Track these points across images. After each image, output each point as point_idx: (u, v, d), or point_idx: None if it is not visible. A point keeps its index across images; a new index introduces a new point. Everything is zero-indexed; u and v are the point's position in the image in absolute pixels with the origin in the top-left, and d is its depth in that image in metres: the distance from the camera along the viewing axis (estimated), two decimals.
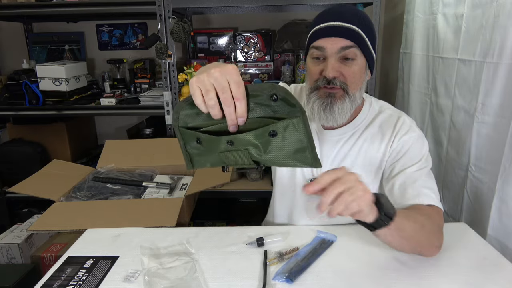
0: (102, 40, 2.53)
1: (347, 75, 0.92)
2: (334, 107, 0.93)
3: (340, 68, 0.91)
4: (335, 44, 0.90)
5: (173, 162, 1.61)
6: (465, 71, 1.26)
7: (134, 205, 1.31)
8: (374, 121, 1.03)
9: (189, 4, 1.86)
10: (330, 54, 0.91)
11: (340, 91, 0.92)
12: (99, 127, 2.67)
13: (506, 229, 1.04)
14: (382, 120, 1.03)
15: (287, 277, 0.82)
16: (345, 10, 0.93)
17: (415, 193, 0.91)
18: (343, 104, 0.93)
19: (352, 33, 0.90)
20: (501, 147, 1.05)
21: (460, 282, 0.81)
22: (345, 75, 0.92)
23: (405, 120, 1.01)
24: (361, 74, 0.94)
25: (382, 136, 1.01)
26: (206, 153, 0.71)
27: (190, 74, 1.89)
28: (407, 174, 0.95)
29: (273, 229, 1.05)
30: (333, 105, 0.93)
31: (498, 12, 1.06)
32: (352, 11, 0.93)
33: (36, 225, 1.17)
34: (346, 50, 0.90)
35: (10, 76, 2.14)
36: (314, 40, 0.93)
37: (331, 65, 0.90)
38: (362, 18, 0.93)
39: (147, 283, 0.82)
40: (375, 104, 1.06)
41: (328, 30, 0.91)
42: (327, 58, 0.91)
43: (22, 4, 1.98)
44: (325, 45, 0.91)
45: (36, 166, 1.59)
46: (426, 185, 0.93)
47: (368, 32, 0.93)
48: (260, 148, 0.65)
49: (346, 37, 0.89)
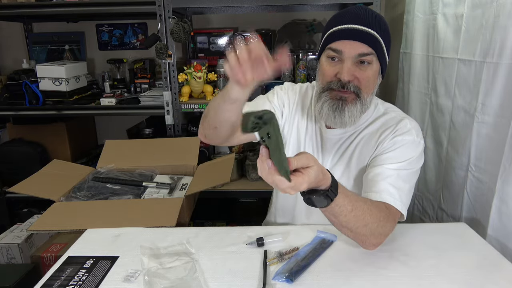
0: (102, 40, 2.53)
1: (361, 79, 0.91)
2: (344, 110, 0.93)
3: (356, 72, 0.91)
4: (354, 49, 0.89)
5: (173, 162, 1.61)
6: (465, 71, 1.26)
7: (134, 205, 1.31)
8: (376, 121, 1.03)
9: (189, 4, 1.86)
10: (347, 57, 0.90)
11: (352, 95, 0.92)
12: (99, 127, 2.67)
13: (506, 229, 1.04)
14: (383, 121, 1.02)
15: (287, 277, 0.82)
16: (365, 12, 0.91)
17: (381, 189, 0.90)
18: (353, 108, 0.92)
19: (372, 39, 0.89)
20: (501, 147, 1.05)
21: (460, 282, 0.82)
22: (359, 79, 0.91)
23: (407, 123, 0.99)
24: (374, 78, 0.94)
25: (379, 135, 1.00)
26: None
27: (190, 74, 1.90)
28: (383, 169, 0.93)
29: (273, 229, 1.05)
30: (343, 108, 0.92)
31: (498, 12, 1.06)
32: (372, 14, 0.91)
33: (36, 225, 1.18)
34: (364, 56, 0.89)
35: (10, 76, 2.14)
36: (332, 41, 0.91)
37: (347, 69, 0.89)
38: (382, 23, 0.91)
39: (147, 283, 0.82)
40: (381, 106, 1.06)
41: (347, 32, 0.89)
42: (343, 61, 0.91)
43: (22, 4, 1.98)
44: (343, 48, 0.90)
45: (36, 166, 1.59)
46: (396, 184, 0.91)
47: (386, 37, 0.92)
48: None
49: (366, 42, 0.88)
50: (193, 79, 1.91)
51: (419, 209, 1.60)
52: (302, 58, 2.13)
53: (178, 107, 1.93)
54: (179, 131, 1.99)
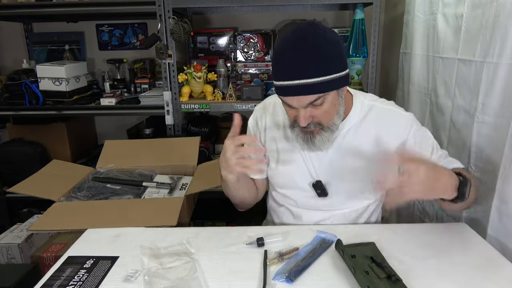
0: (102, 40, 2.53)
1: (320, 116, 0.94)
2: (314, 141, 0.98)
3: (312, 113, 0.94)
4: (302, 101, 0.91)
5: (173, 162, 1.61)
6: (465, 71, 1.26)
7: (134, 205, 1.31)
8: (368, 116, 1.06)
9: (189, 4, 1.86)
10: (299, 107, 0.92)
11: (316, 128, 0.96)
12: (99, 127, 2.67)
13: (506, 229, 1.04)
14: (377, 114, 1.06)
15: (287, 277, 0.82)
16: (303, 59, 0.87)
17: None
18: (322, 137, 0.97)
19: (316, 87, 0.89)
20: (501, 147, 1.04)
21: (460, 282, 0.82)
22: (317, 117, 0.95)
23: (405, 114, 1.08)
24: (334, 105, 0.95)
25: (387, 132, 1.04)
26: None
27: (190, 74, 1.90)
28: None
29: (273, 229, 1.05)
30: (313, 139, 0.98)
31: (498, 12, 1.06)
32: (310, 57, 0.87)
33: (36, 225, 1.18)
34: (314, 101, 0.91)
35: (10, 76, 2.14)
36: (279, 94, 0.94)
37: (302, 116, 0.93)
38: (324, 59, 0.88)
39: (147, 283, 0.82)
40: (363, 98, 1.09)
41: (290, 90, 0.90)
42: (297, 109, 0.93)
43: (22, 4, 1.98)
44: (291, 102, 0.93)
45: (36, 166, 1.59)
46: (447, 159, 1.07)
47: (333, 65, 0.89)
48: None
49: (311, 93, 0.89)
50: (193, 79, 1.91)
51: (419, 209, 1.60)
52: None
53: (178, 107, 1.93)
54: (179, 131, 1.99)
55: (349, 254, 0.86)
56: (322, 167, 1.07)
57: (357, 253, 0.87)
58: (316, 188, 1.07)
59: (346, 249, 0.88)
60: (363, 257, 0.86)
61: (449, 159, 1.07)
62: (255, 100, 1.90)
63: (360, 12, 1.87)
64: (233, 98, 1.93)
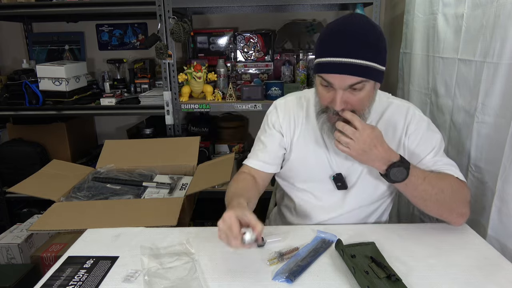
0: (102, 40, 2.53)
1: (354, 103, 0.93)
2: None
3: (348, 98, 0.92)
4: (343, 82, 0.89)
5: (173, 162, 1.61)
6: (465, 71, 1.26)
7: (134, 205, 1.30)
8: (385, 114, 1.07)
9: (189, 4, 1.86)
10: (338, 88, 0.91)
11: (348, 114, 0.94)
12: (99, 127, 2.67)
13: (506, 229, 1.04)
14: (392, 111, 1.08)
15: (287, 277, 0.82)
16: (353, 38, 0.88)
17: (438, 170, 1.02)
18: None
19: (361, 69, 0.88)
20: (501, 147, 1.04)
21: (460, 282, 0.81)
22: (352, 104, 0.93)
23: (415, 112, 1.07)
24: (369, 96, 0.94)
25: (395, 127, 1.06)
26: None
27: (190, 74, 1.90)
28: (425, 161, 1.03)
29: (273, 229, 1.05)
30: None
31: (499, 12, 1.06)
32: (360, 37, 0.88)
33: (36, 225, 1.18)
34: (354, 85, 0.90)
35: (10, 76, 2.14)
36: (321, 71, 0.92)
37: (339, 99, 0.91)
38: (371, 44, 0.89)
39: (147, 283, 0.82)
40: (383, 96, 1.10)
41: (335, 66, 0.88)
42: (335, 90, 0.91)
43: (22, 4, 1.98)
44: (332, 81, 0.90)
45: (36, 166, 1.59)
46: (445, 161, 1.04)
47: (378, 56, 0.90)
48: None
49: (355, 74, 0.88)
50: (193, 79, 1.91)
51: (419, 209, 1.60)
52: (302, 58, 2.13)
53: (178, 107, 1.93)
54: (179, 131, 1.99)
55: (349, 254, 0.86)
56: (341, 159, 1.06)
57: (357, 253, 0.87)
58: (337, 181, 1.07)
59: (346, 249, 0.88)
60: (363, 257, 0.86)
61: (446, 167, 1.02)
62: (255, 100, 1.90)
63: (360, 12, 1.87)
64: (233, 98, 1.93)
